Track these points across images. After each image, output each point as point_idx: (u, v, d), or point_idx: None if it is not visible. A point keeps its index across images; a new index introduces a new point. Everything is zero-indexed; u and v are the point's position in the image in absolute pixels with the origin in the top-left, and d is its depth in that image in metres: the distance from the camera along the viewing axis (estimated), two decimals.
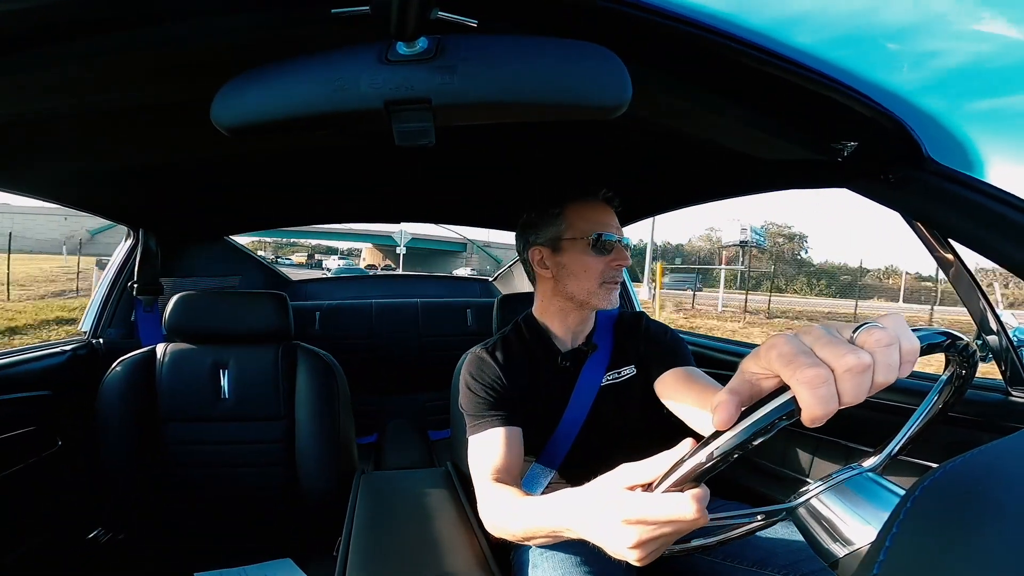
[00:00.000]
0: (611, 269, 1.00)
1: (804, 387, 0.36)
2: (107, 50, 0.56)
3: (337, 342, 2.18)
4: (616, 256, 1.00)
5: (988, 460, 0.33)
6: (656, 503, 0.48)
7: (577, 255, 1.00)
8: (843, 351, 0.36)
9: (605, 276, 1.00)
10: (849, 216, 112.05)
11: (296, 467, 1.47)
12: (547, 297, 1.07)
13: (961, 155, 0.62)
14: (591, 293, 1.00)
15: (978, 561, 0.25)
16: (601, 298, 1.00)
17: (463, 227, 6.19)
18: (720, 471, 0.43)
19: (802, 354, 0.37)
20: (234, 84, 0.53)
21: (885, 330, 0.37)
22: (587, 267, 1.00)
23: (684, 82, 0.66)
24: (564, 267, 1.02)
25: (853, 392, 0.36)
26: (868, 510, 0.47)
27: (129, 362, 1.43)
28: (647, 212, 1.80)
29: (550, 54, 0.50)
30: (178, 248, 2.15)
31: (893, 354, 0.37)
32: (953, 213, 0.66)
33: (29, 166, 1.11)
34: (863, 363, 0.36)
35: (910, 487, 0.32)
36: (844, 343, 0.37)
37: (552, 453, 1.02)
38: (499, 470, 0.89)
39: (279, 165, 1.43)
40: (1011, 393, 0.96)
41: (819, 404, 0.36)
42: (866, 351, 0.36)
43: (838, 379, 0.36)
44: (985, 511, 0.28)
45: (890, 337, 0.37)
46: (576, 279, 1.00)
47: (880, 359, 0.36)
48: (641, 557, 0.51)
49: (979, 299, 0.97)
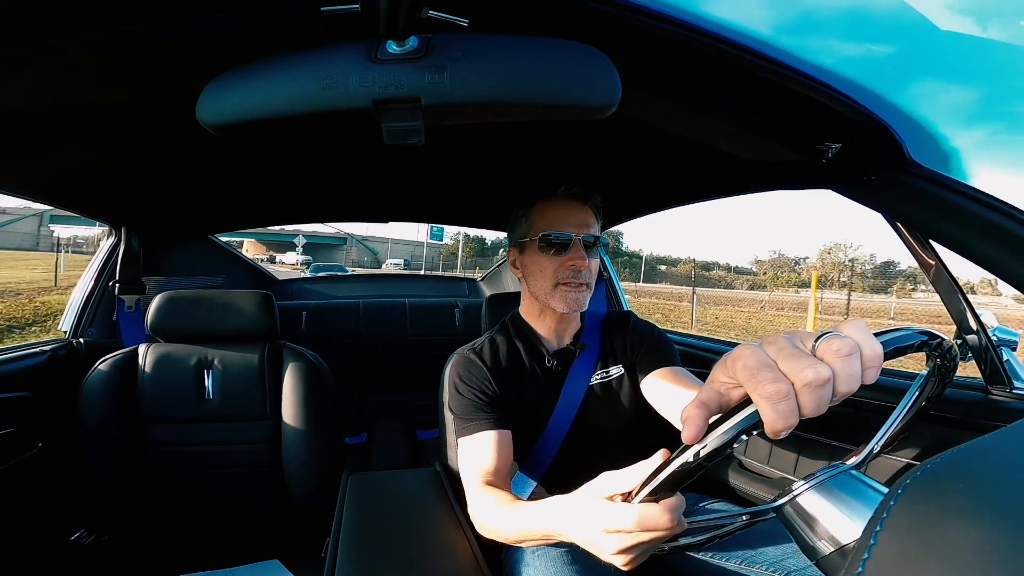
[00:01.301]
0: (565, 269, 0.97)
1: (766, 402, 0.37)
2: (91, 47, 0.55)
3: (324, 342, 2.16)
4: (571, 255, 0.96)
5: (969, 458, 0.34)
6: (630, 514, 0.50)
7: (533, 255, 1.00)
8: (803, 365, 0.37)
9: (559, 277, 0.97)
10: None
11: (283, 468, 1.45)
12: (526, 297, 1.08)
13: (943, 157, 0.63)
14: (547, 294, 0.99)
15: (962, 558, 0.26)
16: (556, 300, 0.98)
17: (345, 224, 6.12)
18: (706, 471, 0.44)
19: (765, 368, 0.38)
20: (220, 81, 0.53)
21: (845, 340, 0.38)
22: (541, 267, 0.99)
23: (672, 83, 0.67)
24: (527, 267, 1.02)
25: (813, 405, 0.37)
26: (852, 508, 0.48)
27: (111, 362, 1.41)
28: (635, 212, 1.81)
29: (540, 54, 0.50)
30: (161, 247, 2.12)
31: (854, 364, 0.37)
32: (934, 214, 0.67)
33: (7, 164, 1.09)
34: (822, 378, 0.36)
35: (893, 485, 0.32)
36: (805, 356, 0.38)
37: (541, 453, 1.03)
38: (489, 473, 0.89)
39: (265, 163, 1.41)
40: (991, 391, 0.98)
41: (780, 419, 0.37)
42: (826, 364, 0.37)
43: (798, 393, 0.37)
44: (967, 508, 0.28)
45: (850, 347, 0.38)
46: (535, 279, 1.01)
47: (840, 370, 0.37)
48: (625, 562, 0.54)
49: (959, 299, 0.99)
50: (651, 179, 1.45)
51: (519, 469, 1.04)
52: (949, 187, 0.63)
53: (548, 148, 1.26)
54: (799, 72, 0.59)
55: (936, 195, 0.65)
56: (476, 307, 2.64)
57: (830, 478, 0.51)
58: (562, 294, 0.97)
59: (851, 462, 0.55)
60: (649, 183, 1.49)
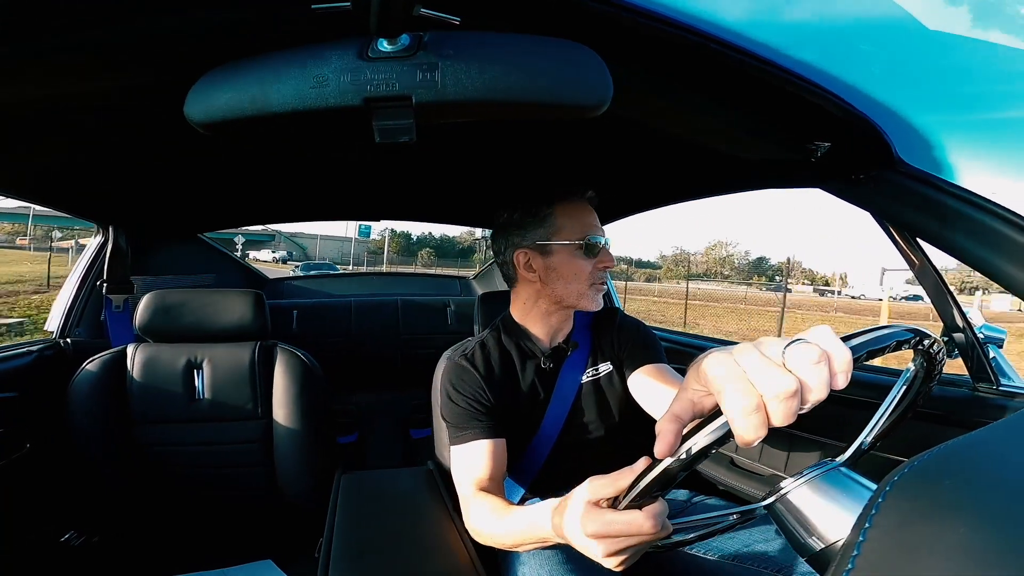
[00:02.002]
0: (598, 271, 1.01)
1: (735, 414, 0.38)
2: (78, 44, 0.55)
3: (316, 341, 2.15)
4: (603, 258, 1.01)
5: (957, 454, 0.34)
6: (615, 520, 0.52)
7: (567, 258, 0.99)
8: (771, 376, 0.38)
9: (594, 278, 1.00)
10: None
11: (275, 468, 1.45)
12: (530, 299, 1.05)
13: (931, 157, 0.63)
14: (580, 295, 1.00)
15: (950, 554, 0.26)
16: (590, 300, 1.01)
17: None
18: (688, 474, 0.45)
19: (735, 379, 0.39)
20: (208, 79, 0.52)
21: (813, 348, 0.38)
22: (577, 270, 0.99)
23: (662, 81, 0.67)
24: (554, 270, 1.00)
25: (782, 416, 0.37)
26: (842, 505, 0.48)
27: (98, 363, 1.39)
28: (625, 211, 1.82)
29: (532, 52, 0.50)
30: (149, 245, 2.10)
31: (823, 371, 0.38)
32: (921, 214, 0.67)
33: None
34: (790, 390, 0.37)
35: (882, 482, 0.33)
36: (774, 367, 0.38)
37: (534, 453, 1.03)
38: (483, 480, 0.89)
39: (254, 161, 1.40)
40: (977, 388, 0.99)
41: (749, 431, 0.38)
42: (793, 376, 0.38)
43: (767, 405, 0.38)
44: (955, 504, 0.28)
45: (819, 355, 0.38)
46: (565, 282, 0.99)
47: (809, 378, 0.38)
48: (615, 565, 0.56)
49: (946, 298, 1.00)
50: (641, 178, 1.45)
51: (512, 470, 1.04)
52: (937, 186, 0.63)
53: (538, 146, 1.26)
54: (789, 71, 0.59)
55: (924, 194, 0.65)
56: (468, 305, 2.64)
57: (819, 475, 0.51)
58: (595, 293, 1.01)
59: (840, 459, 0.56)
60: (639, 182, 1.49)
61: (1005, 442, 0.37)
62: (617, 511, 0.53)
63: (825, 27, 0.64)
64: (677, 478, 0.45)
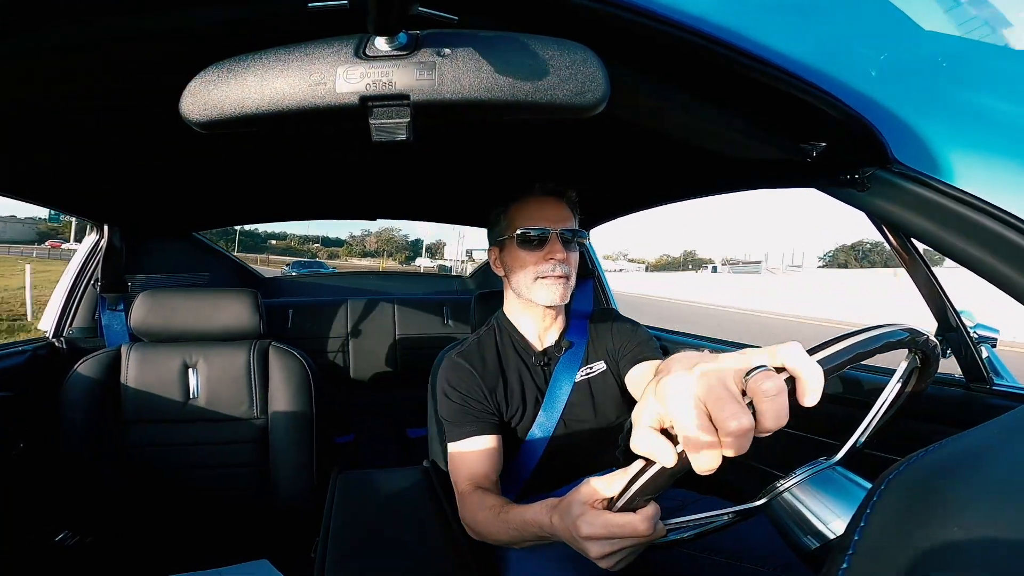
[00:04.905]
0: (544, 263, 0.99)
1: (691, 449, 0.40)
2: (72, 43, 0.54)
3: (311, 340, 2.14)
4: (548, 250, 0.99)
5: (950, 453, 0.34)
6: (609, 522, 0.53)
7: (513, 251, 1.02)
8: (728, 414, 0.38)
9: (539, 271, 0.99)
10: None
11: (271, 467, 1.44)
12: (509, 296, 1.09)
13: (926, 157, 0.64)
14: (528, 288, 1.01)
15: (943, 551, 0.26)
16: (537, 293, 1.00)
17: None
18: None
19: (691, 412, 0.40)
20: (204, 77, 0.51)
21: (774, 379, 0.39)
22: (521, 262, 1.01)
23: (658, 81, 0.67)
24: (508, 264, 1.04)
25: (736, 449, 0.39)
26: (836, 503, 0.48)
27: (92, 362, 1.38)
28: (620, 211, 1.82)
29: (530, 52, 0.50)
30: (144, 244, 2.08)
31: (780, 402, 0.39)
32: (916, 214, 0.68)
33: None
34: (743, 428, 0.38)
35: (876, 480, 0.33)
36: (732, 401, 0.39)
37: (529, 451, 1.03)
38: (479, 478, 0.89)
39: (249, 160, 1.39)
40: (970, 387, 1.00)
41: (704, 464, 0.39)
42: (748, 414, 0.38)
43: (721, 440, 0.39)
44: (949, 502, 0.29)
45: (778, 387, 0.39)
46: (516, 275, 1.02)
47: (767, 408, 0.38)
48: (610, 565, 0.57)
49: (940, 297, 1.00)
50: (636, 178, 1.45)
51: (507, 467, 1.04)
52: (931, 186, 0.64)
53: (533, 146, 1.25)
54: (784, 71, 0.59)
55: (918, 194, 0.65)
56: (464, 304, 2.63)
57: (814, 474, 0.51)
58: (542, 287, 1.00)
59: (835, 458, 0.56)
60: (634, 182, 1.49)
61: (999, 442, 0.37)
62: (612, 513, 0.54)
63: (820, 26, 0.65)
64: (670, 481, 0.46)
